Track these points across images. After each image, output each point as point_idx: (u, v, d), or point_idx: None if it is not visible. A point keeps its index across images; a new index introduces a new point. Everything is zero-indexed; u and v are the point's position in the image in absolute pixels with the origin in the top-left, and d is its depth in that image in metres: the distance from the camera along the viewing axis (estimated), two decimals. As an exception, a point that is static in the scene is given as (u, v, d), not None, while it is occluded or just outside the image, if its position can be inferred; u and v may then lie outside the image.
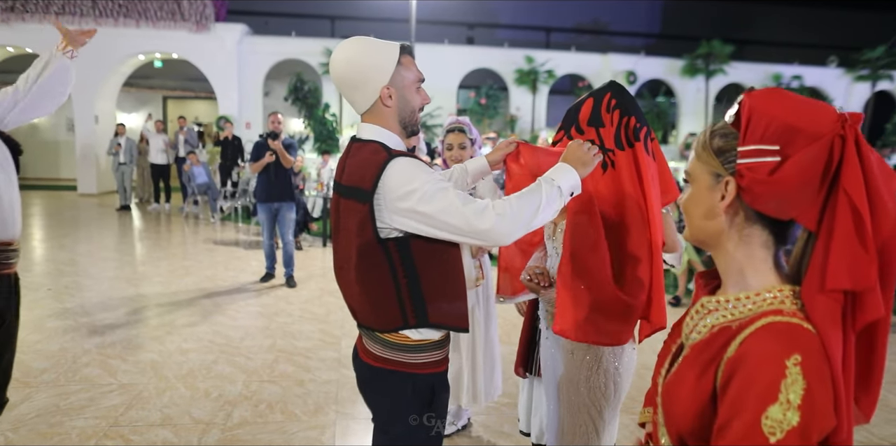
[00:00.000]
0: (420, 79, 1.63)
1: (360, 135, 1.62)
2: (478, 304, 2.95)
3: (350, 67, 1.52)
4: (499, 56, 15.49)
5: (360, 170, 1.51)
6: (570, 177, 1.52)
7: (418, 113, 1.65)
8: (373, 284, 1.53)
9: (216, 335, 4.48)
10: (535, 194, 1.46)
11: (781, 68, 16.08)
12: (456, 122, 2.93)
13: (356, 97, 1.58)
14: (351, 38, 1.58)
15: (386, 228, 1.47)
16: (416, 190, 1.42)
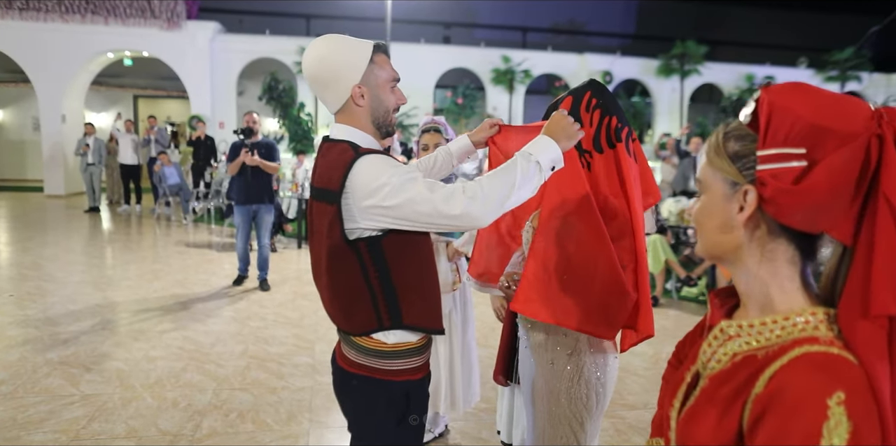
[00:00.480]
0: (395, 78, 1.58)
1: (331, 135, 1.58)
2: (455, 309, 2.88)
3: (321, 65, 1.49)
4: (475, 55, 15.46)
5: (328, 170, 1.48)
6: (550, 150, 1.46)
7: (393, 113, 1.60)
8: (345, 286, 1.49)
9: (186, 341, 4.34)
10: (510, 172, 1.41)
11: (754, 69, 16.30)
12: (431, 122, 2.85)
13: (328, 96, 1.54)
14: (324, 36, 1.54)
15: (356, 228, 1.43)
16: (383, 185, 1.38)
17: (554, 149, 1.46)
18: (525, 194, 1.42)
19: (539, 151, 1.44)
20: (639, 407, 3.47)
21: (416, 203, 1.37)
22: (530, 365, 1.71)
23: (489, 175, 1.43)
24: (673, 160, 9.04)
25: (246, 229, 5.76)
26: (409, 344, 1.52)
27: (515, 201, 1.41)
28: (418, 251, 1.51)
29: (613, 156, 1.66)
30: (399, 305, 1.48)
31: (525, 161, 1.42)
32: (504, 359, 2.01)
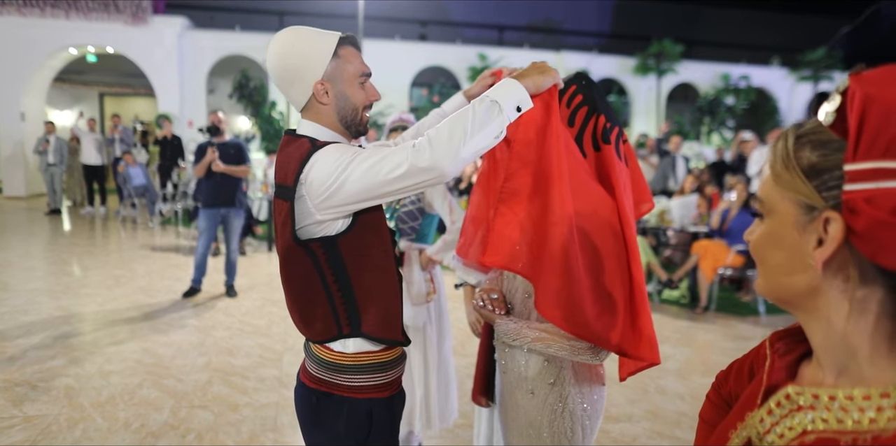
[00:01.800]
0: (364, 73, 1.43)
1: (297, 130, 1.46)
2: (430, 321, 2.68)
3: (281, 61, 1.38)
4: (452, 53, 15.28)
5: (284, 165, 1.39)
6: (513, 90, 1.32)
7: (363, 111, 1.46)
8: (302, 290, 1.42)
9: (144, 354, 4.08)
10: (460, 116, 1.28)
11: (729, 68, 16.37)
12: (399, 120, 2.66)
13: (291, 93, 1.43)
14: (286, 29, 1.42)
15: (311, 227, 1.34)
16: (342, 171, 1.29)
17: (518, 89, 1.32)
18: (484, 140, 1.28)
19: (498, 92, 1.31)
20: (622, 420, 3.32)
21: (368, 178, 1.27)
22: (509, 394, 1.52)
23: (442, 123, 1.31)
24: (651, 160, 8.95)
25: (210, 234, 5.45)
26: (372, 356, 1.43)
27: (476, 147, 1.28)
28: (377, 253, 1.41)
29: (599, 161, 1.48)
30: (358, 311, 1.40)
31: (479, 103, 1.29)
32: (483, 378, 1.82)
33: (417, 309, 2.60)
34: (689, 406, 3.55)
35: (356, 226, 1.36)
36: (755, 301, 5.72)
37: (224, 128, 5.31)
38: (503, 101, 1.29)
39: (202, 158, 5.19)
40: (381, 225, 1.43)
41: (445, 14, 20.39)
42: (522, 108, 1.32)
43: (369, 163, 1.27)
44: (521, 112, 1.33)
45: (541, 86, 1.36)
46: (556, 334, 1.38)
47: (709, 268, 5.43)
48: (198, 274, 5.56)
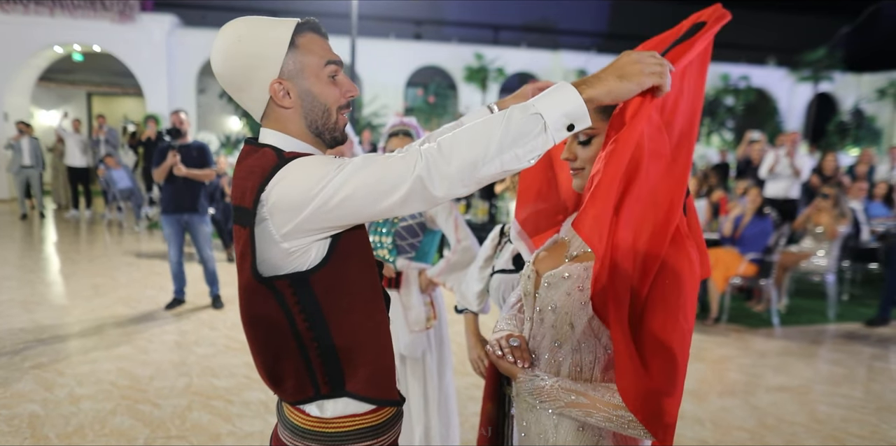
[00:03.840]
0: (331, 60, 1.14)
1: (260, 139, 1.17)
2: (429, 350, 2.40)
3: (226, 61, 1.12)
4: (447, 53, 15.01)
5: (241, 182, 1.12)
6: (567, 102, 0.97)
7: (338, 112, 1.16)
8: (267, 338, 1.15)
9: (120, 375, 3.77)
10: (492, 122, 0.97)
11: (729, 68, 16.15)
12: (400, 124, 2.38)
13: (245, 100, 1.16)
14: (231, 21, 1.13)
15: (277, 258, 1.07)
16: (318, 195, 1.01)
17: (574, 100, 0.97)
18: (514, 161, 0.97)
19: (547, 101, 0.97)
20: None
21: (358, 190, 0.99)
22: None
23: (464, 127, 1.01)
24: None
25: (177, 241, 5.09)
26: (359, 420, 1.16)
27: (500, 169, 0.97)
28: (361, 291, 1.15)
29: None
30: (340, 365, 1.14)
31: (520, 111, 0.97)
32: (493, 438, 1.51)
33: (415, 336, 2.32)
34: (709, 432, 3.28)
35: (334, 256, 1.09)
36: (768, 312, 5.47)
37: (186, 130, 5.01)
38: (550, 115, 0.96)
39: (162, 162, 4.88)
40: (365, 253, 1.15)
41: (440, 13, 20.11)
42: (577, 127, 0.99)
43: (359, 180, 0.99)
44: (574, 132, 1.00)
45: (618, 95, 1.00)
46: (599, 400, 1.10)
47: (720, 277, 5.17)
48: (178, 284, 5.25)
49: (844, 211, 5.43)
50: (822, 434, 3.32)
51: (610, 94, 0.99)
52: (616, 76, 0.99)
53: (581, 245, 1.24)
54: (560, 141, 0.98)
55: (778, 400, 3.75)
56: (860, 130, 15.71)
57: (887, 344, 4.97)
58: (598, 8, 22.84)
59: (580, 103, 0.97)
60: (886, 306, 5.38)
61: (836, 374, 4.25)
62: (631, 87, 0.99)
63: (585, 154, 1.21)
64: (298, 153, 1.10)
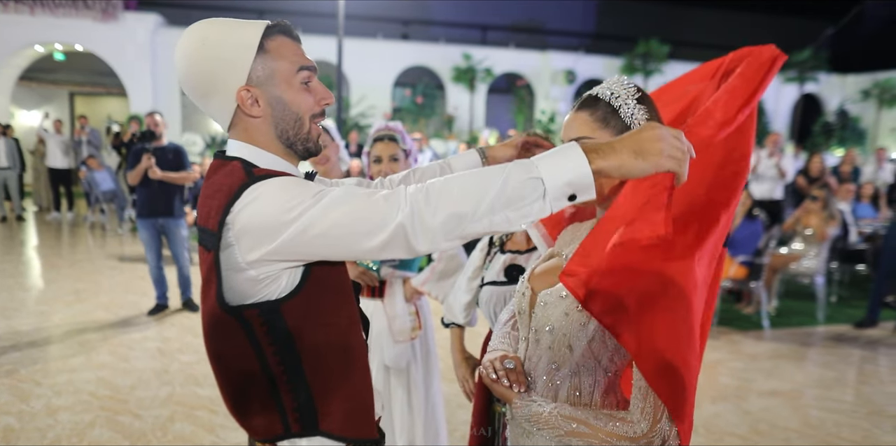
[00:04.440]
0: (303, 66, 1.06)
1: (227, 151, 1.09)
2: (414, 361, 2.33)
3: (191, 67, 1.04)
4: (435, 53, 14.93)
5: (206, 200, 1.05)
6: (573, 170, 0.87)
7: (311, 121, 1.08)
8: (234, 373, 1.07)
9: (100, 385, 3.67)
10: (487, 177, 0.90)
11: (716, 69, 16.20)
12: (385, 129, 2.30)
13: (210, 108, 1.08)
14: (196, 23, 1.05)
15: (245, 286, 0.99)
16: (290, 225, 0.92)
17: (582, 169, 0.87)
18: (503, 224, 0.89)
19: (551, 165, 0.88)
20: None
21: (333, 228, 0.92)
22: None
23: (456, 175, 0.92)
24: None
25: (154, 245, 5.00)
26: None
27: (486, 229, 0.90)
28: (337, 321, 1.07)
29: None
30: (313, 402, 1.05)
31: (519, 170, 0.89)
32: None
33: (400, 347, 2.25)
34: (702, 439, 3.24)
35: (308, 284, 1.01)
36: (758, 314, 5.45)
37: (161, 132, 4.91)
38: (552, 182, 0.87)
39: (136, 164, 4.78)
40: (341, 280, 1.08)
41: (428, 13, 20.03)
42: (578, 198, 0.89)
43: (336, 216, 0.91)
44: (575, 202, 0.90)
45: (629, 173, 0.89)
46: (602, 430, 1.04)
47: (711, 280, 5.13)
48: (159, 289, 5.15)
49: (833, 213, 5.43)
50: (815, 439, 3.29)
51: (621, 169, 0.89)
52: (633, 151, 0.88)
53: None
54: (558, 210, 0.90)
55: (770, 405, 3.72)
56: (845, 131, 15.83)
57: (876, 347, 4.96)
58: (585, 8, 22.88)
59: (587, 174, 0.87)
60: (874, 308, 5.39)
61: (826, 378, 4.23)
62: (645, 168, 0.89)
63: None
64: (269, 171, 1.02)
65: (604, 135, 1.14)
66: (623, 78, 1.19)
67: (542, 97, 15.72)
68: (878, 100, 16.30)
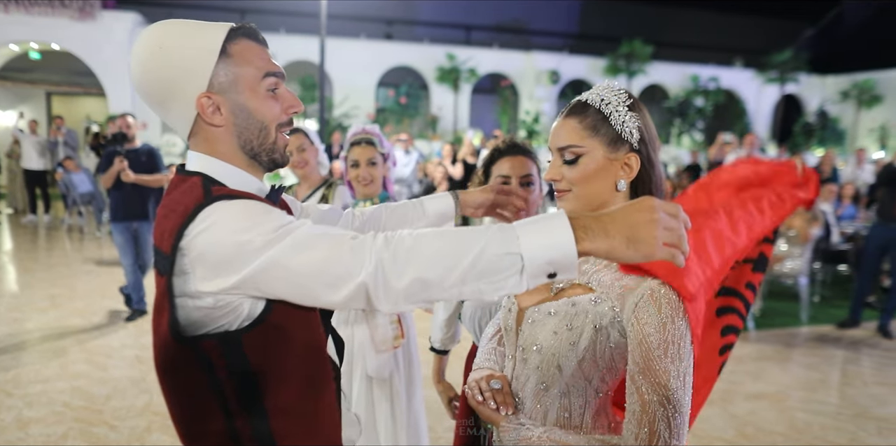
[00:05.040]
0: (270, 72, 1.00)
1: (187, 164, 1.03)
2: (397, 370, 2.27)
3: (148, 72, 0.97)
4: (419, 53, 14.87)
5: (162, 221, 0.97)
6: (557, 243, 0.80)
7: (278, 131, 1.02)
8: (188, 409, 0.98)
9: (74, 395, 3.56)
10: (463, 244, 0.82)
11: (698, 69, 16.32)
12: (363, 132, 2.24)
13: (169, 116, 1.01)
14: (154, 24, 0.98)
15: (202, 314, 0.91)
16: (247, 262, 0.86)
17: (566, 247, 0.80)
18: (476, 293, 0.83)
19: (534, 239, 0.81)
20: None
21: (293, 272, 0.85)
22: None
23: (428, 233, 0.85)
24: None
25: (130, 249, 4.89)
26: None
27: (455, 296, 0.84)
28: (305, 352, 0.98)
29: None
30: (274, 443, 0.96)
31: (498, 245, 0.81)
32: None
33: (383, 357, 2.19)
34: (689, 443, 3.21)
35: (272, 313, 0.92)
36: (742, 315, 5.46)
37: (133, 134, 4.81)
38: (532, 259, 0.80)
39: (109, 167, 4.68)
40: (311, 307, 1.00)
41: (412, 13, 19.94)
42: (559, 276, 0.83)
43: (298, 263, 0.85)
44: (554, 279, 0.83)
45: (618, 258, 0.82)
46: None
47: (696, 282, 5.13)
48: (136, 294, 5.04)
49: (816, 214, 5.45)
50: (802, 443, 3.28)
51: (610, 254, 0.82)
52: (626, 237, 0.80)
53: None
54: (534, 287, 0.84)
55: (756, 408, 3.70)
56: (825, 131, 16.02)
57: (859, 347, 4.99)
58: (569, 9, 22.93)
59: (572, 254, 0.80)
60: (857, 308, 5.42)
61: (811, 379, 4.24)
62: (636, 257, 0.81)
63: (572, 174, 1.09)
64: (230, 191, 0.94)
65: (593, 143, 1.08)
66: (613, 83, 1.14)
67: (526, 97, 15.71)
68: (856, 100, 16.52)
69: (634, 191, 1.11)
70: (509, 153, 1.65)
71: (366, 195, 2.31)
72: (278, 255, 0.85)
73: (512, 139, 1.68)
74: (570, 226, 0.80)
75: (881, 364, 4.60)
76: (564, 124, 1.12)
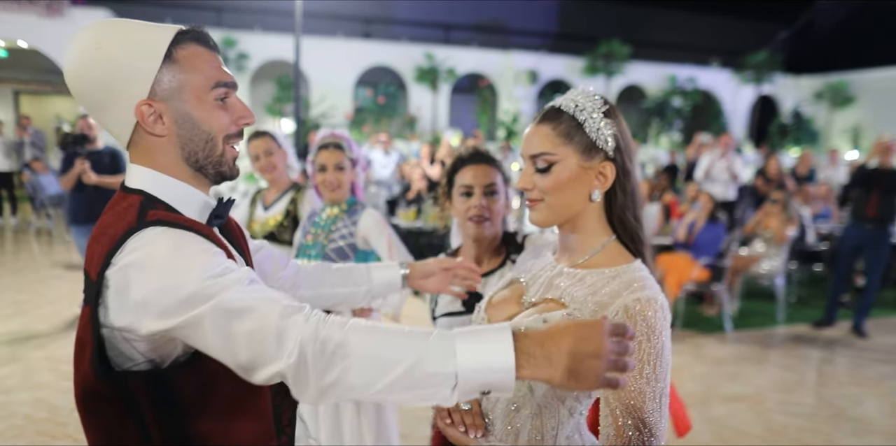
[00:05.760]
0: (220, 82, 0.93)
1: (126, 180, 0.96)
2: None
3: (84, 76, 0.90)
4: (397, 52, 14.78)
5: (93, 243, 0.91)
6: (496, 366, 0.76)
7: (224, 143, 0.95)
8: (106, 439, 0.91)
9: (37, 406, 3.43)
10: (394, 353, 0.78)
11: (676, 69, 16.46)
12: (331, 136, 2.18)
13: (106, 122, 0.94)
14: (94, 23, 0.90)
15: (129, 347, 0.85)
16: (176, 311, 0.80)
17: (503, 370, 0.76)
18: (398, 402, 0.81)
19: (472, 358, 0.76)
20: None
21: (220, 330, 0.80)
22: None
23: (370, 328, 0.79)
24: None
25: None
26: None
27: (376, 401, 0.81)
28: (243, 393, 0.91)
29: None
30: None
31: (435, 358, 0.77)
32: None
33: None
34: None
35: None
36: (720, 315, 5.47)
37: (95, 136, 4.69)
38: (467, 380, 0.76)
39: (69, 168, 4.56)
40: None
41: (390, 12, 19.84)
42: (492, 394, 0.80)
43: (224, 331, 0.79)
44: (488, 395, 0.80)
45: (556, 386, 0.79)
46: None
47: (674, 283, 5.13)
48: None
49: (792, 215, 5.49)
50: (778, 445, 3.28)
51: (550, 382, 0.78)
52: (567, 369, 0.76)
53: (541, 289, 1.07)
54: (464, 400, 0.82)
55: (734, 410, 3.70)
56: (800, 132, 16.26)
57: (833, 347, 5.03)
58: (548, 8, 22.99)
59: (509, 380, 0.77)
60: (832, 308, 5.47)
61: (788, 381, 4.25)
62: (574, 388, 0.78)
63: (544, 183, 1.04)
64: (166, 217, 0.87)
65: (567, 151, 1.03)
66: (589, 89, 1.09)
67: (505, 97, 15.71)
68: (830, 101, 16.79)
69: (609, 201, 1.06)
70: (472, 162, 1.60)
71: (333, 200, 2.25)
72: (202, 317, 0.79)
73: (475, 147, 1.63)
74: (514, 350, 0.77)
75: (855, 364, 4.63)
76: (537, 131, 1.07)
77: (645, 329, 0.92)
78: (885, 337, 5.28)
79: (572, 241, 1.07)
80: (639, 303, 0.93)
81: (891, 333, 5.43)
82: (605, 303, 0.96)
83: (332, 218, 2.23)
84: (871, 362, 4.66)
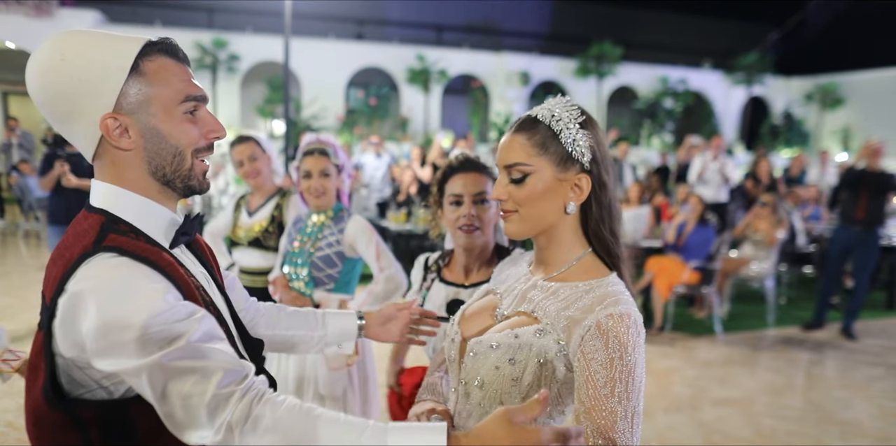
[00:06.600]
0: (190, 95, 0.91)
1: (91, 198, 0.95)
2: (351, 388, 2.18)
3: (47, 88, 0.87)
4: (389, 53, 14.75)
5: (51, 265, 0.90)
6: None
7: (193, 157, 0.93)
8: None
9: (20, 413, 3.38)
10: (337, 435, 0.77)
11: (668, 71, 16.50)
12: (316, 142, 2.15)
13: (71, 135, 0.92)
14: (59, 33, 0.87)
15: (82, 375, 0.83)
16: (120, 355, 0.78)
17: None
18: None
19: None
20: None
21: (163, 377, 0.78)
22: None
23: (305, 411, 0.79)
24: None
25: None
26: None
27: None
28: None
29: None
30: None
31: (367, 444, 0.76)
32: None
33: (336, 374, 2.10)
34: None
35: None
36: (710, 318, 5.47)
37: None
38: None
39: (49, 170, 4.52)
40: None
41: (382, 13, 19.81)
42: None
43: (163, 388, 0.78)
44: None
45: None
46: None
47: (664, 285, 5.13)
48: None
49: (782, 217, 5.50)
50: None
51: None
52: None
53: (514, 301, 1.05)
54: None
55: (724, 414, 3.69)
56: (790, 133, 16.33)
57: (823, 349, 5.03)
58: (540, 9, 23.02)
59: None
60: (822, 310, 5.47)
61: (777, 384, 4.25)
62: None
63: (519, 194, 1.02)
64: (123, 244, 0.85)
65: (542, 161, 1.01)
66: (567, 99, 1.07)
67: (497, 99, 15.70)
68: (820, 103, 16.87)
69: (585, 214, 1.04)
70: (462, 170, 1.58)
71: (318, 207, 2.22)
72: (140, 369, 0.77)
73: (465, 155, 1.61)
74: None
75: (844, 366, 4.64)
76: (512, 141, 1.05)
77: (617, 346, 0.90)
78: (874, 340, 5.30)
79: (547, 254, 1.05)
80: (611, 319, 0.91)
81: (879, 335, 5.45)
82: (577, 319, 0.94)
83: (319, 225, 2.21)
84: (859, 364, 4.67)
